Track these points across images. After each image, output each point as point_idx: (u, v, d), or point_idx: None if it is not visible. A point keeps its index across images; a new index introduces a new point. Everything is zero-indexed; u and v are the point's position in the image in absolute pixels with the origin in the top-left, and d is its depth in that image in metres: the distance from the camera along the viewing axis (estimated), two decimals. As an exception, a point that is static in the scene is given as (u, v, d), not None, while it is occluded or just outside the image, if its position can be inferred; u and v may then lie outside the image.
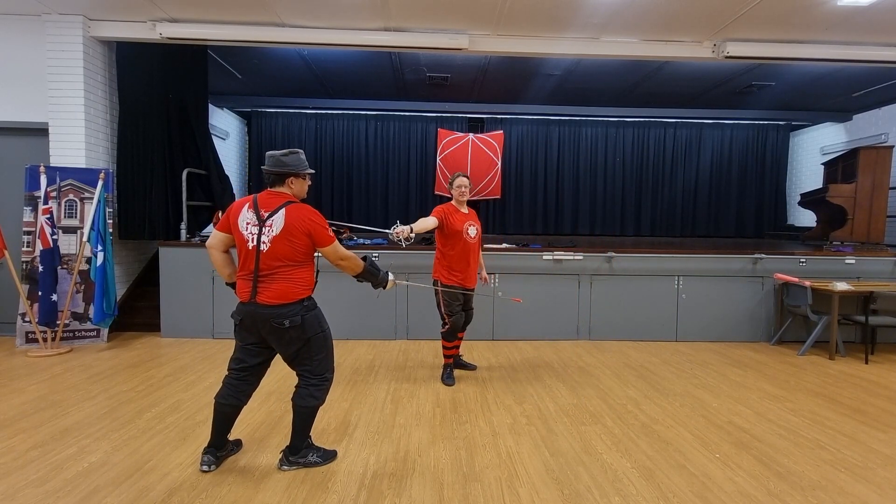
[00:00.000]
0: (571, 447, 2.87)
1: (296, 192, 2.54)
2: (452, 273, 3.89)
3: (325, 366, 2.56)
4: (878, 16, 4.76)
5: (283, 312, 2.41)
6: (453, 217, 3.85)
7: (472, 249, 3.93)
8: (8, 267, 4.57)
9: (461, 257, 3.88)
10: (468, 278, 3.93)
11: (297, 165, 2.50)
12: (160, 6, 4.82)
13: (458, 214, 3.89)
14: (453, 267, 3.89)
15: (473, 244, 3.92)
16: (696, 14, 4.83)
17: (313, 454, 2.62)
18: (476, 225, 3.96)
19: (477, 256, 4.02)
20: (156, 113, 5.52)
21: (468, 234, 3.87)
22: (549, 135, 9.68)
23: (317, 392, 2.53)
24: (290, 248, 2.43)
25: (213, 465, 2.54)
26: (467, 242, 3.87)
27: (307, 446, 2.62)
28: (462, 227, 3.85)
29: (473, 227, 3.92)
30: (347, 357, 4.68)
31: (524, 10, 4.77)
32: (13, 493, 2.30)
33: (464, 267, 3.89)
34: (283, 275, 2.45)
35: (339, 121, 9.46)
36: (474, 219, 4.00)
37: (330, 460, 2.66)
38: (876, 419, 3.38)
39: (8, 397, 3.49)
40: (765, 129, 9.82)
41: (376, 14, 4.91)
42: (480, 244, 4.08)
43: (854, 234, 7.03)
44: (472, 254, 3.94)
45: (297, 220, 2.42)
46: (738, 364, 4.68)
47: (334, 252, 2.58)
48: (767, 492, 2.42)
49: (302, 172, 2.53)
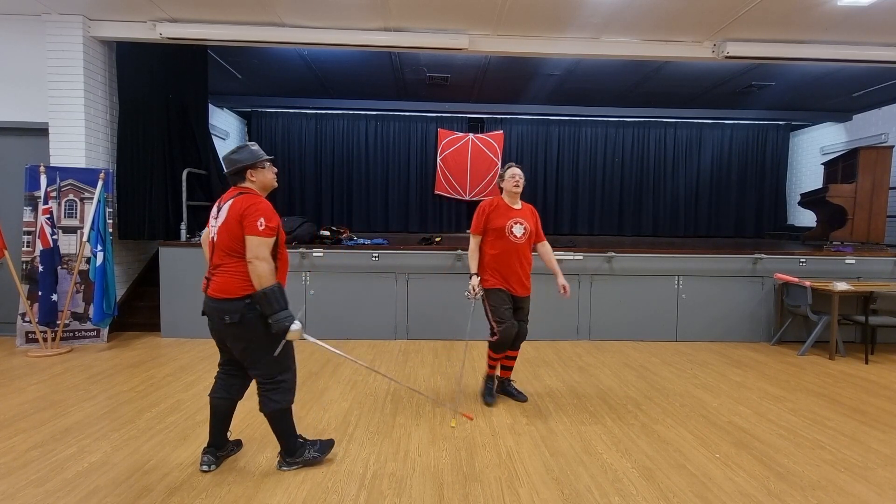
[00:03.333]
0: (571, 447, 2.87)
1: (261, 184, 2.50)
2: (491, 275, 3.42)
3: (275, 368, 2.42)
4: (878, 16, 4.76)
5: (224, 307, 2.34)
6: (496, 213, 3.41)
7: (518, 252, 3.40)
8: (8, 267, 4.57)
9: (503, 259, 3.38)
10: (514, 284, 3.40)
11: (249, 157, 2.46)
12: (160, 6, 4.82)
13: (504, 210, 3.43)
14: (493, 267, 3.41)
15: (519, 245, 3.39)
16: (696, 14, 4.83)
17: (310, 450, 2.59)
18: (527, 223, 3.43)
19: (525, 260, 3.44)
20: (156, 113, 5.52)
21: (512, 233, 3.37)
22: (549, 135, 9.68)
23: (274, 395, 2.42)
24: (230, 238, 2.35)
25: (212, 464, 2.54)
26: (510, 242, 3.37)
27: (300, 445, 2.57)
28: (504, 224, 3.37)
29: (521, 225, 3.40)
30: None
31: (524, 10, 4.77)
32: (13, 493, 2.30)
33: (507, 271, 3.39)
34: (228, 268, 2.37)
35: (339, 121, 9.46)
36: (527, 216, 3.47)
37: (328, 451, 2.64)
38: (876, 419, 3.37)
39: (8, 397, 3.49)
40: (765, 129, 9.82)
41: (376, 14, 4.91)
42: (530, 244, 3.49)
43: (854, 234, 7.03)
44: (518, 256, 3.40)
45: (237, 207, 2.35)
46: (738, 364, 4.67)
47: (254, 246, 2.29)
48: (767, 492, 2.42)
49: (258, 162, 2.47)
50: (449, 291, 5.39)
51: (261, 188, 2.53)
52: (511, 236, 3.38)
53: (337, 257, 5.35)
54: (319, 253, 5.32)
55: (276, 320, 2.28)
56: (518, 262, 3.40)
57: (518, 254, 3.40)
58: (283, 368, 2.45)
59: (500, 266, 3.39)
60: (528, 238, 3.45)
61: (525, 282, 3.44)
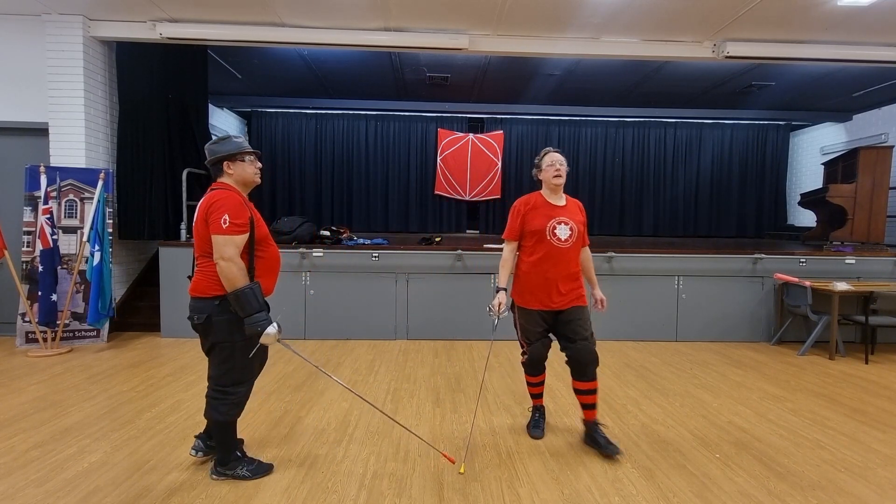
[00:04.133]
0: (571, 447, 2.87)
1: (239, 178, 2.39)
2: (525, 289, 2.84)
3: (227, 378, 2.33)
4: (878, 16, 4.76)
5: (195, 306, 2.31)
6: (534, 212, 2.83)
7: (563, 259, 2.76)
8: (8, 267, 4.57)
9: (542, 269, 2.76)
10: (551, 297, 2.77)
11: (228, 148, 2.37)
12: (160, 6, 4.82)
13: (544, 207, 2.83)
14: (528, 279, 2.82)
15: (563, 250, 2.76)
16: (696, 14, 4.83)
17: (243, 467, 2.44)
18: (572, 222, 2.79)
19: (570, 268, 2.80)
20: (156, 113, 5.52)
21: (555, 235, 2.76)
22: (549, 135, 9.68)
23: (218, 406, 2.33)
24: (198, 237, 2.31)
25: (199, 451, 2.57)
26: (553, 247, 2.75)
27: (235, 459, 2.44)
28: (545, 225, 2.76)
29: (566, 225, 2.77)
30: (347, 357, 4.68)
31: (524, 10, 4.77)
32: (13, 493, 2.30)
33: (542, 282, 2.78)
34: (201, 267, 2.32)
35: (339, 121, 9.46)
36: (574, 215, 2.84)
37: (262, 475, 2.46)
38: (876, 419, 3.37)
39: (8, 397, 3.49)
40: (765, 129, 9.83)
41: (376, 14, 4.91)
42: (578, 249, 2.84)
43: (854, 234, 7.03)
44: (563, 264, 2.77)
45: (204, 204, 2.26)
46: (738, 364, 4.67)
47: (219, 245, 2.20)
48: (767, 492, 2.42)
49: (238, 154, 2.37)
50: (449, 291, 5.39)
51: (239, 183, 2.40)
52: (554, 239, 2.75)
53: (337, 257, 5.35)
54: (319, 253, 5.32)
55: (249, 323, 2.19)
56: (562, 271, 2.77)
57: (563, 261, 2.76)
58: (236, 380, 2.34)
59: (538, 277, 2.78)
60: (576, 241, 2.80)
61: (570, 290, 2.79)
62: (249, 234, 2.29)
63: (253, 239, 2.32)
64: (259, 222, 2.39)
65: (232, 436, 2.44)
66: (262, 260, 2.39)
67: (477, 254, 5.41)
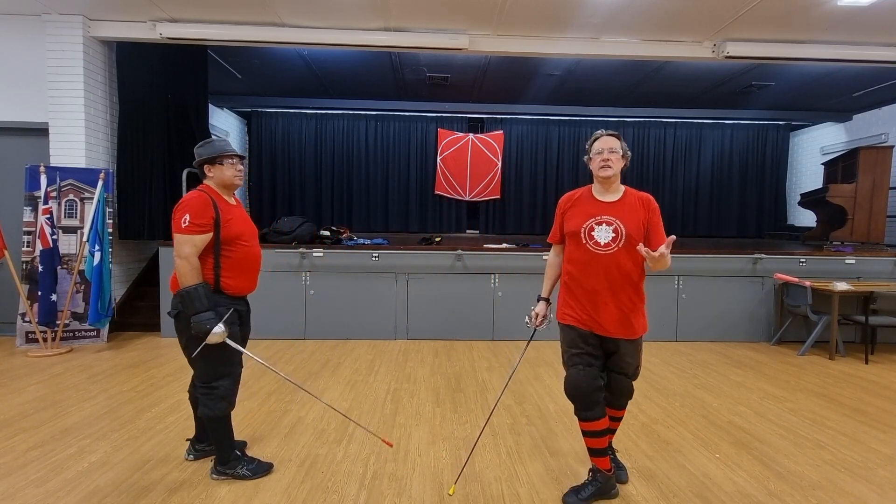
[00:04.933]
0: (571, 447, 2.87)
1: (219, 181, 2.45)
2: (563, 300, 2.36)
3: (208, 373, 2.35)
4: (878, 16, 4.77)
5: (172, 301, 2.35)
6: (575, 209, 2.34)
7: (605, 268, 2.20)
8: (8, 267, 4.57)
9: (577, 278, 2.27)
10: (599, 317, 2.22)
11: (208, 152, 2.42)
12: (160, 6, 4.82)
13: (587, 203, 2.31)
14: (566, 290, 2.34)
15: (603, 257, 2.20)
16: (695, 14, 4.83)
17: (243, 467, 2.44)
18: (621, 223, 2.19)
19: (617, 281, 2.20)
20: (156, 113, 5.52)
21: (592, 238, 2.22)
22: (549, 135, 9.67)
23: (206, 401, 2.34)
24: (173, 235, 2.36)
25: (190, 454, 2.62)
26: (589, 253, 2.22)
27: (235, 458, 2.45)
28: (581, 225, 2.26)
29: (607, 226, 2.21)
30: (347, 357, 4.68)
31: (524, 10, 4.77)
32: (13, 493, 2.30)
33: (580, 294, 2.26)
34: None
35: (339, 121, 9.46)
36: (626, 213, 2.23)
37: (262, 474, 2.47)
38: (876, 419, 3.37)
39: (8, 397, 3.49)
40: (765, 129, 9.82)
41: (376, 14, 4.91)
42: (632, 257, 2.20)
43: (854, 234, 7.03)
44: (605, 274, 2.20)
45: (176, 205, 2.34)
46: (738, 364, 4.67)
47: (177, 243, 2.27)
48: (767, 492, 2.42)
49: (217, 158, 2.40)
50: (449, 291, 5.39)
51: (219, 185, 2.46)
52: (590, 243, 2.23)
53: (337, 257, 5.35)
54: (319, 253, 5.32)
55: (194, 321, 2.21)
56: (604, 283, 2.21)
57: (605, 271, 2.21)
58: (218, 374, 2.35)
59: (577, 289, 2.28)
60: (625, 246, 2.19)
61: (619, 314, 2.20)
62: (214, 234, 2.32)
63: (218, 239, 2.34)
64: (230, 222, 2.38)
65: (226, 432, 2.43)
66: (230, 260, 2.38)
67: (477, 254, 5.41)
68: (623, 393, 2.40)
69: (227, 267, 2.38)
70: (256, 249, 2.54)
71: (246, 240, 2.45)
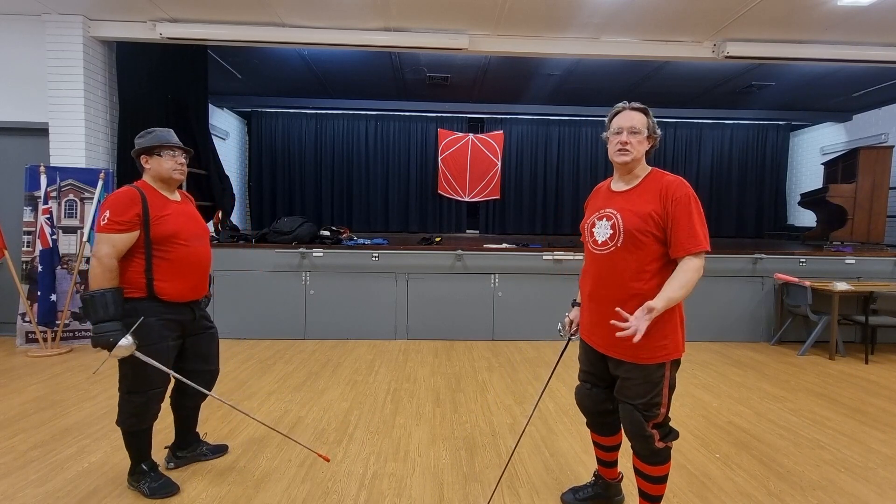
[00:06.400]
0: (571, 447, 2.87)
1: (155, 174, 2.26)
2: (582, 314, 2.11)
3: (123, 384, 2.21)
4: (878, 16, 4.76)
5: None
6: (592, 202, 2.09)
7: (603, 271, 1.90)
8: (8, 267, 4.57)
9: (581, 282, 2.10)
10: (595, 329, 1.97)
11: (147, 142, 2.24)
12: (160, 6, 4.82)
13: (604, 194, 2.02)
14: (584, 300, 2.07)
15: (601, 257, 1.90)
16: (696, 14, 4.83)
17: (144, 483, 2.25)
18: (618, 216, 1.86)
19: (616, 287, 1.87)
20: (156, 113, 5.52)
21: (592, 235, 1.96)
22: (549, 135, 9.68)
23: (119, 410, 2.21)
24: None
25: (170, 462, 2.53)
26: (590, 253, 1.99)
27: (140, 472, 2.27)
28: (585, 222, 2.04)
29: (607, 221, 1.89)
30: (347, 357, 4.68)
31: (524, 10, 4.77)
32: (13, 493, 2.30)
33: (585, 302, 2.05)
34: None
35: (339, 121, 9.47)
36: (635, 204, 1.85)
37: (161, 495, 2.22)
38: (876, 419, 3.37)
39: (8, 397, 3.49)
40: (765, 129, 9.83)
41: (376, 14, 4.91)
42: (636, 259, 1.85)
43: (854, 234, 7.04)
44: (603, 280, 1.91)
45: None
46: (738, 364, 4.67)
47: (96, 243, 2.09)
48: (767, 492, 2.42)
49: (154, 148, 2.23)
50: (449, 291, 5.39)
51: (156, 179, 2.27)
52: (590, 242, 1.97)
53: (337, 257, 5.35)
54: (319, 253, 5.32)
55: (95, 332, 2.02)
56: (598, 289, 1.93)
57: (598, 275, 1.92)
58: (129, 388, 2.20)
59: (583, 295, 2.06)
60: (625, 245, 1.84)
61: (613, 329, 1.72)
62: (144, 232, 2.14)
63: (148, 238, 2.15)
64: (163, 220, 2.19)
65: (135, 445, 2.26)
66: (165, 261, 2.19)
67: (477, 254, 5.41)
68: (634, 432, 1.86)
69: (162, 269, 2.18)
70: (200, 249, 2.33)
71: (184, 239, 2.24)
